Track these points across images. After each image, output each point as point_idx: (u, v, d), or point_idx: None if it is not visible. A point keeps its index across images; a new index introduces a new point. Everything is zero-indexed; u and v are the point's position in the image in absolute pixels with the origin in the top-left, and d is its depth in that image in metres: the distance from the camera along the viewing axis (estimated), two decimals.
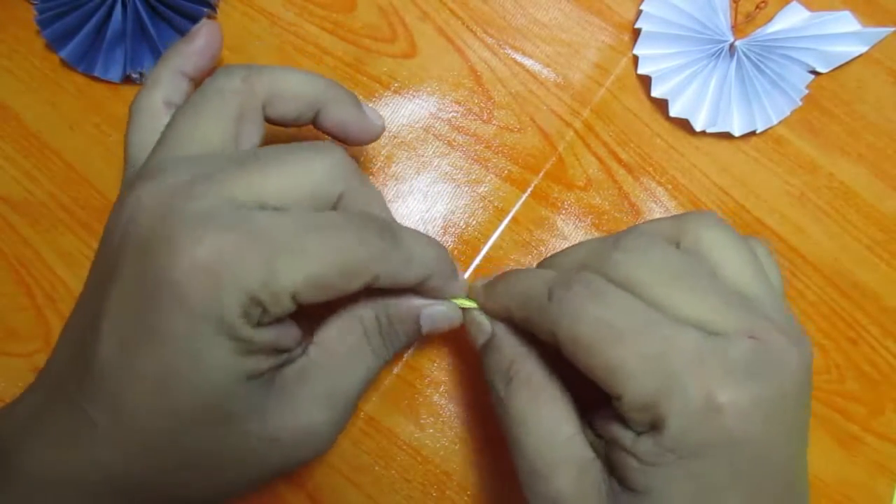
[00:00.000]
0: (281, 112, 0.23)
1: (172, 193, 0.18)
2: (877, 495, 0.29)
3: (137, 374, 0.18)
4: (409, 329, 0.23)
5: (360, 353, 0.22)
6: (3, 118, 0.31)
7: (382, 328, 0.22)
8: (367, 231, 0.20)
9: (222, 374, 0.18)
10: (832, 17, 0.31)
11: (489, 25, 0.32)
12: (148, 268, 0.18)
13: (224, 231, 0.17)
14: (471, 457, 0.28)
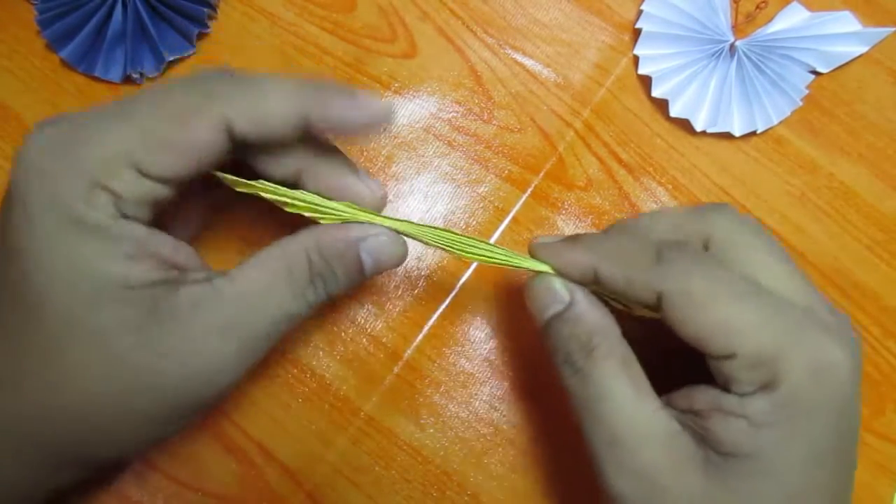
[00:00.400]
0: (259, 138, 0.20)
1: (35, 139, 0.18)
2: (877, 495, 0.29)
3: (7, 299, 0.18)
4: (349, 268, 0.21)
5: (276, 291, 0.20)
6: (3, 118, 0.31)
7: (314, 267, 0.21)
8: (196, 80, 0.19)
9: (85, 279, 0.17)
10: (832, 18, 0.31)
11: (489, 25, 0.32)
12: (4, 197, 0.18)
13: (53, 129, 0.18)
14: (471, 457, 0.28)
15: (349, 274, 0.21)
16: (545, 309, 0.22)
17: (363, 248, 0.21)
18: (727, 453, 0.19)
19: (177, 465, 0.27)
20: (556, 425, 0.28)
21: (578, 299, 0.22)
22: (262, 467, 0.28)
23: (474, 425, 0.29)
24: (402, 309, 0.30)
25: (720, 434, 0.19)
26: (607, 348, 0.21)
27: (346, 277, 0.21)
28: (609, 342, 0.21)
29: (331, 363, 0.29)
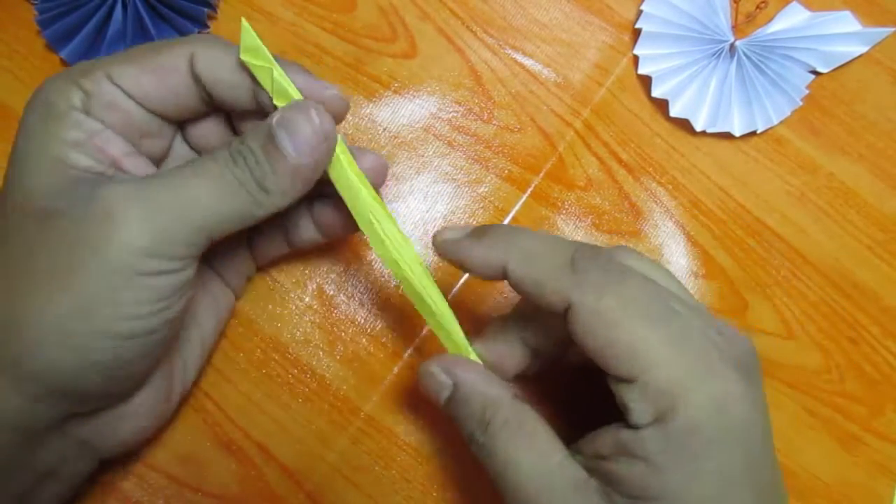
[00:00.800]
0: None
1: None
2: (877, 495, 0.29)
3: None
4: (263, 141, 0.20)
5: (199, 168, 0.20)
6: (3, 118, 0.31)
7: (232, 145, 0.20)
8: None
9: (38, 156, 0.20)
10: (832, 17, 0.31)
11: (489, 25, 0.32)
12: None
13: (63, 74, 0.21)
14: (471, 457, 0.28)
15: (265, 148, 0.20)
16: (437, 394, 0.22)
17: (273, 123, 0.20)
18: (635, 497, 0.18)
19: (177, 465, 0.27)
20: (556, 425, 0.28)
21: (462, 381, 0.22)
22: (261, 467, 0.28)
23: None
24: (401, 309, 0.30)
25: (625, 477, 0.19)
26: (501, 419, 0.21)
27: (263, 153, 0.20)
28: (502, 412, 0.21)
29: (331, 363, 0.29)
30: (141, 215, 0.18)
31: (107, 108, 0.21)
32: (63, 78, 0.21)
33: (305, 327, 0.29)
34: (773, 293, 0.31)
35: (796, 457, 0.29)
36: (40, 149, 0.20)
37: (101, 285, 0.18)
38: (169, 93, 0.21)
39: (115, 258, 0.18)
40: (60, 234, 0.19)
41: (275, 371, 0.29)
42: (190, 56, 0.21)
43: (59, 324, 0.18)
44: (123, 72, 0.21)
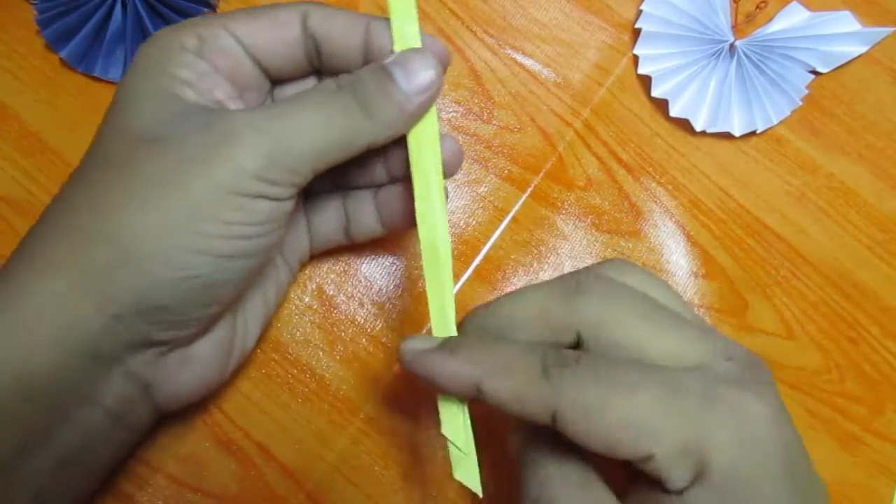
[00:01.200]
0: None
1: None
2: (877, 495, 0.29)
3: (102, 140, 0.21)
4: (377, 74, 0.21)
5: (304, 97, 0.21)
6: (3, 118, 0.31)
7: (342, 81, 0.21)
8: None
9: (146, 89, 0.20)
10: (832, 17, 0.31)
11: (489, 25, 0.32)
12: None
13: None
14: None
15: (377, 79, 0.21)
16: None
17: (391, 60, 0.21)
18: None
19: (177, 465, 0.27)
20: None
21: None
22: (261, 467, 0.28)
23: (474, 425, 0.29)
24: (401, 309, 0.30)
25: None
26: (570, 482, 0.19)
27: (374, 83, 0.21)
28: (566, 492, 0.19)
29: (331, 363, 0.29)
30: (252, 139, 0.19)
31: (218, 53, 0.21)
32: (182, 24, 0.22)
33: (305, 327, 0.29)
34: (773, 293, 0.31)
35: None
36: (150, 82, 0.20)
37: (207, 201, 0.19)
38: (281, 45, 0.22)
39: (224, 176, 0.19)
40: (168, 151, 0.19)
41: (275, 371, 0.29)
42: (303, 13, 0.22)
43: (157, 235, 0.18)
44: (239, 22, 0.22)
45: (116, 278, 0.18)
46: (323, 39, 0.22)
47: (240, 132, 0.19)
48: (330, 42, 0.22)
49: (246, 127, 0.19)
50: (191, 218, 0.19)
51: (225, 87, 0.22)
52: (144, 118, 0.20)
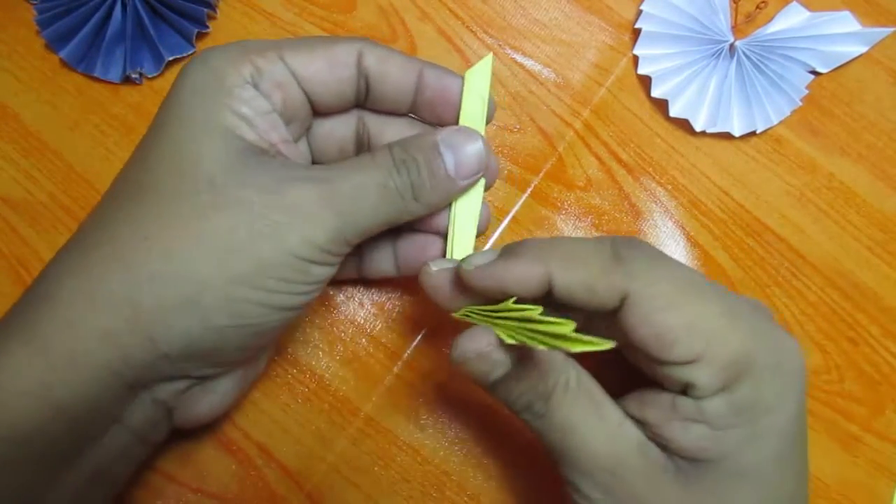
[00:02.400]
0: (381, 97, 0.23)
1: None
2: (877, 495, 0.29)
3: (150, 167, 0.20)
4: (429, 157, 0.21)
5: (362, 167, 0.21)
6: (3, 118, 0.31)
7: (396, 155, 0.21)
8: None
9: (201, 119, 0.20)
10: (832, 18, 0.31)
11: (489, 26, 0.32)
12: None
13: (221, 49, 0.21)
14: (471, 457, 0.28)
15: (430, 164, 0.21)
16: (487, 375, 0.21)
17: (441, 140, 0.22)
18: (693, 459, 0.19)
19: (177, 465, 0.27)
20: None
21: (522, 357, 0.21)
22: (261, 468, 0.28)
23: (474, 425, 0.29)
24: (401, 309, 0.30)
25: (681, 441, 0.19)
26: (563, 382, 0.20)
27: (427, 167, 0.21)
28: (564, 376, 0.20)
29: (330, 363, 0.29)
30: (324, 217, 0.20)
31: (275, 87, 0.21)
32: (234, 49, 0.21)
33: (305, 327, 0.29)
34: (772, 293, 0.31)
35: None
36: (209, 116, 0.20)
37: (275, 263, 0.20)
38: (335, 82, 0.22)
39: (294, 245, 0.20)
40: (240, 210, 0.19)
41: (274, 371, 0.29)
42: (359, 52, 0.22)
43: (223, 287, 0.19)
44: (297, 55, 0.21)
45: (175, 322, 0.19)
46: (376, 80, 0.23)
47: (313, 207, 0.20)
48: (382, 83, 0.23)
49: (319, 203, 0.20)
50: (257, 275, 0.20)
51: (280, 129, 0.22)
52: (207, 159, 0.20)
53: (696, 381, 0.19)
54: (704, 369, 0.18)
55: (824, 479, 0.29)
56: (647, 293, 0.19)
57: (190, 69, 0.21)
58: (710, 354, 0.18)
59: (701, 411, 0.19)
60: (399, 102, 0.23)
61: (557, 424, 0.20)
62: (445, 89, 0.23)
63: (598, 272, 0.19)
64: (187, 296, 0.19)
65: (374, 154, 0.22)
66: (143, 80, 0.31)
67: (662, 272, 0.19)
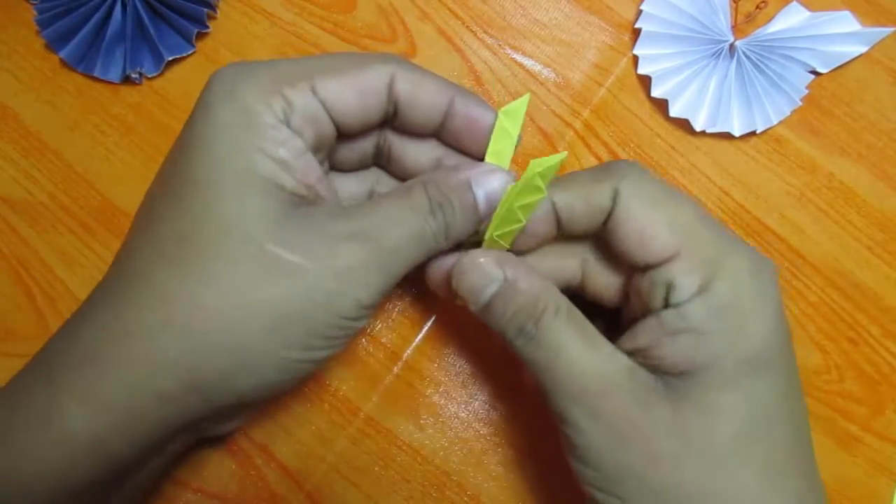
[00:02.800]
0: (410, 121, 0.23)
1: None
2: (877, 495, 0.29)
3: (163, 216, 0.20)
4: (463, 199, 0.21)
5: (400, 212, 0.21)
6: (3, 118, 0.31)
7: (432, 196, 0.21)
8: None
9: (240, 166, 0.19)
10: (832, 17, 0.31)
11: (489, 26, 0.32)
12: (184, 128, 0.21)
13: (247, 63, 0.21)
14: (471, 457, 0.28)
15: (464, 205, 0.21)
16: (480, 292, 0.22)
17: (473, 182, 0.22)
18: (683, 372, 0.19)
19: (177, 465, 0.27)
20: (555, 425, 0.29)
21: (515, 270, 0.22)
22: (261, 467, 0.28)
23: (474, 425, 0.29)
24: (401, 309, 0.30)
25: (671, 356, 0.19)
26: (553, 308, 0.21)
27: (461, 209, 0.21)
28: (553, 302, 0.21)
29: (330, 363, 0.29)
30: (372, 279, 0.20)
31: (307, 123, 0.21)
32: (264, 78, 0.20)
33: None
34: None
35: None
36: (246, 164, 0.19)
37: (323, 325, 0.20)
38: (364, 109, 0.22)
39: (345, 311, 0.20)
40: (296, 274, 0.19)
41: None
42: (392, 76, 0.22)
43: (277, 351, 0.20)
44: (328, 85, 0.21)
45: (231, 384, 0.20)
46: (405, 106, 0.22)
47: (364, 272, 0.20)
48: (412, 109, 0.23)
49: (368, 265, 0.20)
50: (308, 338, 0.20)
51: (316, 168, 0.21)
52: (252, 219, 0.19)
53: (674, 280, 0.19)
54: (682, 265, 0.19)
55: (824, 478, 0.29)
56: (635, 190, 0.20)
57: (214, 100, 0.20)
58: (687, 250, 0.19)
59: (684, 317, 0.19)
60: (426, 127, 0.23)
61: (546, 345, 0.21)
62: (476, 121, 0.23)
63: (590, 181, 0.21)
64: (243, 361, 0.19)
65: (410, 196, 0.21)
66: (143, 80, 0.31)
67: (650, 178, 0.21)
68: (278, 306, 0.19)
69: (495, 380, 0.29)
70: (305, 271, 0.19)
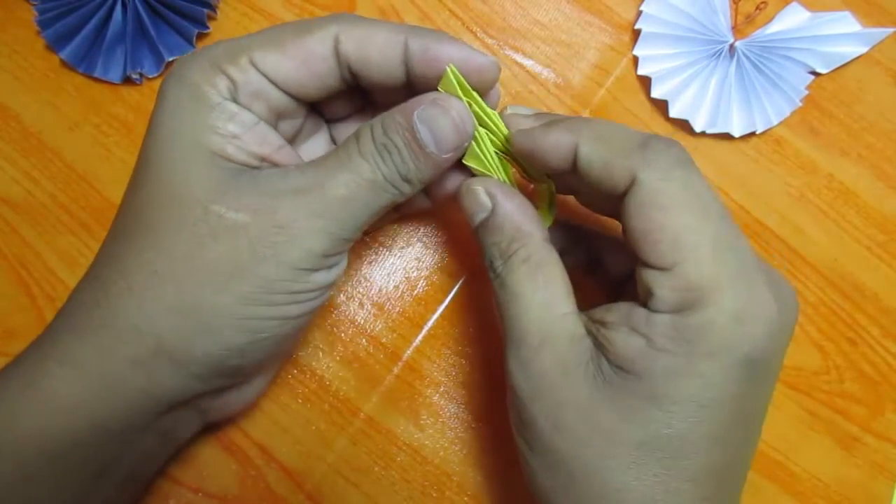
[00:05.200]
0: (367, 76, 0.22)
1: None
2: (876, 495, 0.29)
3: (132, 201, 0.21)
4: (408, 138, 0.21)
5: (348, 159, 0.21)
6: (3, 118, 0.31)
7: (377, 138, 0.21)
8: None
9: (188, 141, 0.20)
10: (832, 18, 0.31)
11: (489, 26, 0.32)
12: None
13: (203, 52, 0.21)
14: (470, 457, 0.28)
15: (409, 145, 0.21)
16: (473, 216, 0.23)
17: (416, 117, 0.21)
18: (619, 367, 0.19)
19: (177, 465, 0.27)
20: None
21: (500, 204, 0.22)
22: (261, 468, 0.28)
23: (474, 425, 0.29)
24: (401, 309, 0.30)
25: (617, 345, 0.19)
26: (524, 254, 0.21)
27: (407, 150, 0.21)
28: (527, 248, 0.21)
29: (330, 364, 0.29)
30: (319, 225, 0.20)
31: (253, 98, 0.21)
32: (205, 60, 0.21)
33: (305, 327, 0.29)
34: None
35: (796, 457, 0.29)
36: (195, 139, 0.20)
37: (279, 279, 0.20)
38: (313, 78, 0.22)
39: (294, 259, 0.20)
40: (239, 231, 0.20)
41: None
42: (335, 38, 0.21)
43: (234, 310, 0.20)
44: (267, 58, 0.21)
45: (196, 348, 0.20)
46: (358, 66, 0.22)
47: (306, 220, 0.20)
48: (366, 69, 0.22)
49: (311, 214, 0.20)
50: (265, 293, 0.20)
51: (271, 137, 0.21)
52: (198, 187, 0.20)
53: (656, 291, 0.19)
54: (669, 281, 0.18)
55: (824, 478, 0.29)
56: (655, 186, 0.19)
57: (166, 88, 0.21)
58: (680, 270, 0.18)
59: (648, 324, 0.19)
60: (390, 81, 0.22)
61: (506, 289, 0.21)
62: (435, 60, 0.21)
63: (618, 151, 0.20)
64: (204, 323, 0.20)
65: (358, 142, 0.21)
66: (144, 80, 0.31)
67: (680, 173, 0.19)
68: (227, 263, 0.20)
69: (496, 380, 0.29)
70: (247, 226, 0.20)
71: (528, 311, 0.20)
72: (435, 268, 0.30)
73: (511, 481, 0.28)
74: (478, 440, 0.29)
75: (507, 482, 0.28)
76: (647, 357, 0.18)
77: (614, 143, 0.20)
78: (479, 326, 0.30)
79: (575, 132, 0.21)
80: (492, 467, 0.28)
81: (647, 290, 0.19)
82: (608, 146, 0.20)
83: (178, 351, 0.20)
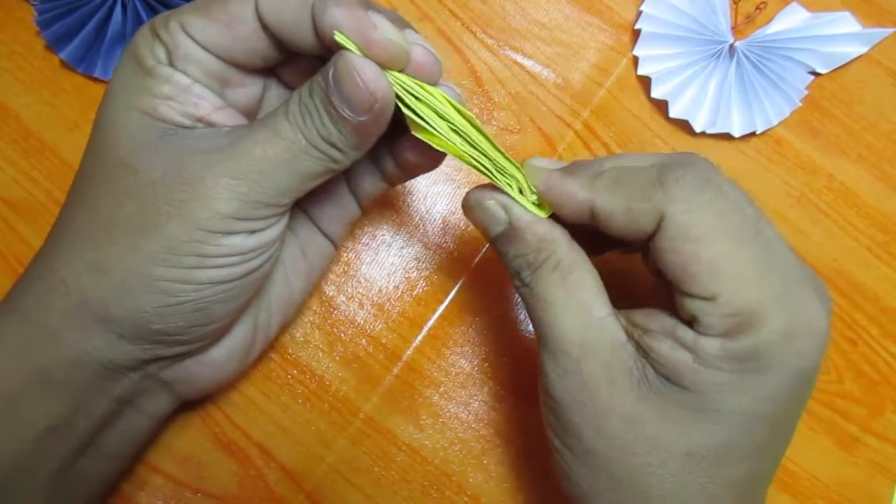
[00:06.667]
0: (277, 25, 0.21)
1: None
2: (876, 496, 0.29)
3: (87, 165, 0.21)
4: (324, 100, 0.19)
5: (273, 121, 0.20)
6: (3, 118, 0.31)
7: (302, 99, 0.20)
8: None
9: (124, 104, 0.20)
10: (832, 18, 0.31)
11: (489, 26, 0.32)
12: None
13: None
14: (470, 457, 0.28)
15: (327, 108, 0.20)
16: (488, 229, 0.22)
17: (330, 78, 0.19)
18: (666, 377, 0.19)
19: (177, 466, 0.27)
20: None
21: (518, 217, 0.21)
22: (261, 468, 0.28)
23: (473, 426, 0.29)
24: (401, 310, 0.30)
25: (663, 356, 0.19)
26: (554, 261, 0.20)
27: (325, 112, 0.20)
28: (556, 254, 0.21)
29: (330, 364, 0.29)
30: (227, 184, 0.19)
31: (184, 61, 0.21)
32: (146, 29, 0.21)
33: (305, 328, 0.29)
34: None
35: (796, 457, 0.29)
36: (130, 101, 0.20)
37: (187, 240, 0.20)
38: (239, 42, 0.21)
39: (199, 218, 0.19)
40: (147, 188, 0.20)
41: (274, 371, 0.29)
42: (255, 1, 0.20)
43: (142, 270, 0.20)
44: (194, 22, 0.21)
45: (115, 306, 0.20)
46: (275, 27, 0.20)
47: (214, 176, 0.19)
48: (282, 28, 0.20)
49: (220, 171, 0.19)
50: (170, 254, 0.20)
51: (209, 98, 0.21)
52: (123, 141, 0.20)
53: (702, 319, 0.18)
54: (715, 310, 0.18)
55: (823, 479, 0.29)
56: (683, 220, 0.18)
57: (121, 60, 0.21)
58: (725, 298, 0.18)
59: (696, 344, 0.18)
60: (307, 46, 0.21)
61: (539, 299, 0.21)
62: (322, 25, 0.19)
63: (637, 194, 0.19)
64: (118, 281, 0.20)
65: (287, 103, 0.20)
66: None
67: (708, 197, 0.19)
68: (137, 221, 0.20)
69: (495, 380, 0.29)
70: (154, 183, 0.20)
71: (564, 319, 0.20)
72: (435, 268, 0.30)
73: (511, 481, 0.28)
74: (478, 440, 0.29)
75: (507, 482, 0.28)
76: (696, 372, 0.18)
77: (632, 186, 0.19)
78: (479, 326, 0.30)
79: (591, 188, 0.20)
80: (492, 467, 0.28)
81: (691, 315, 0.19)
82: (626, 192, 0.19)
83: (99, 308, 0.20)
